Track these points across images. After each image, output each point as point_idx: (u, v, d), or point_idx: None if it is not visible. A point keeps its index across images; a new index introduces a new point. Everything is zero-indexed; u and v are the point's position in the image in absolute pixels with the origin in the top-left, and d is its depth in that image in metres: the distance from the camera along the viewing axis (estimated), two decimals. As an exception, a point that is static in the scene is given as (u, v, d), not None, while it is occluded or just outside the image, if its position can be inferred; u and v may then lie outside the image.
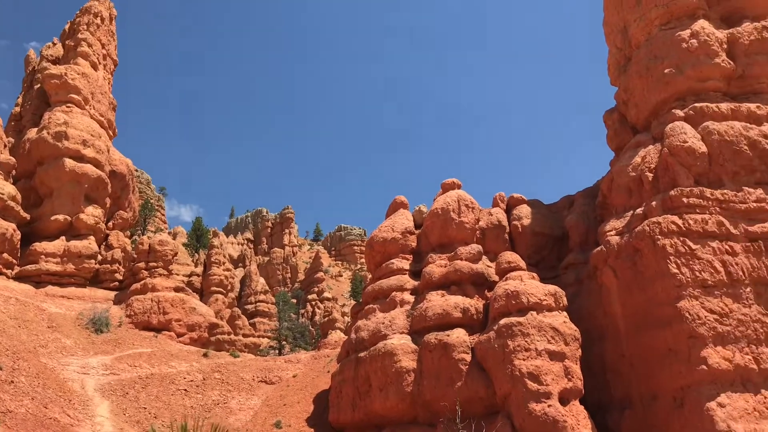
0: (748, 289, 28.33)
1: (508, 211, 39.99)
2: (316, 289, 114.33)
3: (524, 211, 39.38)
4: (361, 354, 32.47)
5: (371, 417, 31.39)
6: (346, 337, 37.14)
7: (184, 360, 44.10)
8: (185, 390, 38.02)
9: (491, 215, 38.33)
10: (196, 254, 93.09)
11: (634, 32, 37.25)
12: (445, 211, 36.19)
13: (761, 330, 27.68)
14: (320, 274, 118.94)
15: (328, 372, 40.32)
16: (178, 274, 71.54)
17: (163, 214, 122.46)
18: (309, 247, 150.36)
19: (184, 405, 36.12)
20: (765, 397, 26.72)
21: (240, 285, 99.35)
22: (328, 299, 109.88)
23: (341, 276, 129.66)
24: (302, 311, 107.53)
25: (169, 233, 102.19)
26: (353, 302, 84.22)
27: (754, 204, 30.20)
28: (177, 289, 57.70)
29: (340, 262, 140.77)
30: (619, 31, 39.68)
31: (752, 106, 32.75)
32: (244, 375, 41.93)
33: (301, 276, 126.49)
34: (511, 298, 29.49)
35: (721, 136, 31.12)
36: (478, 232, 37.19)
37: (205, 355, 47.23)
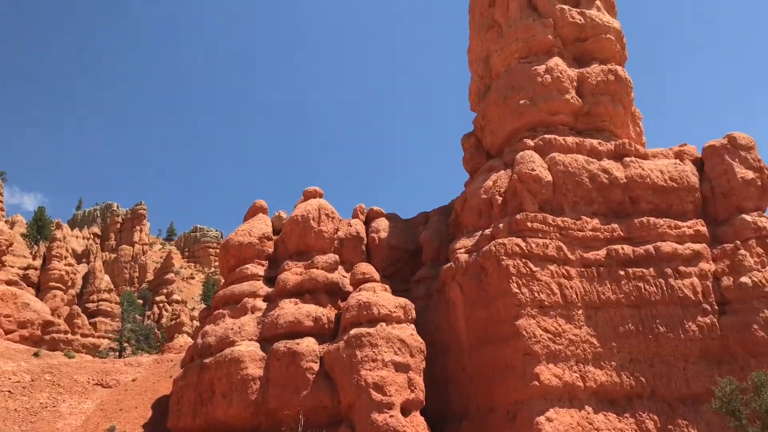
0: (580, 312, 30.55)
1: (367, 223, 40.65)
2: (165, 291, 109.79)
3: (382, 224, 40.20)
4: (207, 360, 31.58)
5: (212, 424, 30.57)
6: (193, 341, 35.94)
7: (11, 359, 40.76)
8: (9, 392, 35.17)
9: (350, 226, 38.76)
10: (35, 246, 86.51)
11: (496, 62, 39.27)
12: (305, 219, 36.15)
13: (589, 350, 29.92)
14: (171, 275, 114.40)
15: (171, 377, 38.81)
16: (12, 267, 66.11)
17: (1, 201, 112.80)
18: (161, 246, 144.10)
19: (6, 408, 33.40)
20: (588, 413, 28.88)
21: (83, 282, 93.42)
22: (177, 302, 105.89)
23: (193, 278, 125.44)
24: (148, 313, 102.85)
25: (6, 222, 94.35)
26: (204, 306, 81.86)
27: (590, 232, 32.69)
28: (9, 283, 53.37)
29: (193, 264, 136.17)
30: (481, 59, 41.70)
31: (595, 142, 35.52)
32: (78, 377, 39.39)
33: (150, 276, 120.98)
34: (363, 308, 29.93)
35: (565, 168, 33.45)
36: (336, 241, 37.45)
37: (35, 354, 43.91)
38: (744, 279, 32.30)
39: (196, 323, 78.90)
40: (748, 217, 34.47)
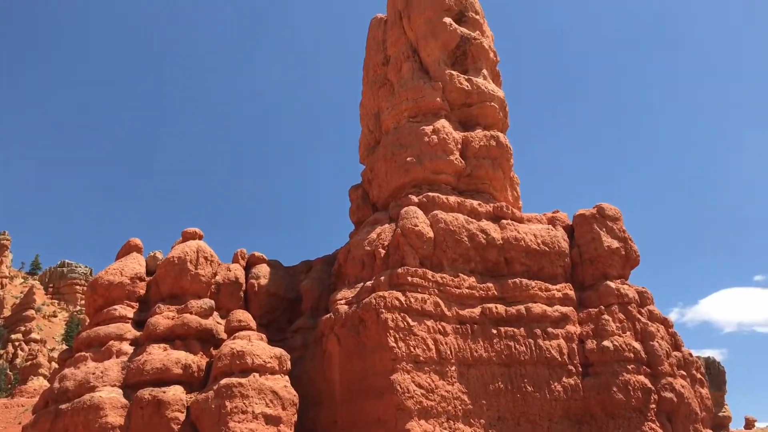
0: (453, 368, 31.04)
1: (248, 268, 39.82)
2: (23, 329, 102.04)
3: (263, 270, 39.50)
4: (63, 406, 29.34)
5: (63, 477, 28.30)
6: (50, 385, 33.40)
7: None
8: None
9: (230, 271, 37.82)
10: None
11: (386, 119, 40.26)
12: (182, 261, 34.91)
13: (460, 407, 30.35)
14: (30, 312, 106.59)
15: (20, 423, 35.83)
16: None
17: None
18: (23, 280, 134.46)
19: None
20: (455, 469, 29.08)
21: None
22: (36, 341, 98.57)
23: (56, 317, 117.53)
24: (2, 351, 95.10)
25: None
26: (65, 347, 76.63)
27: (467, 290, 33.58)
28: None
29: (57, 301, 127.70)
30: (373, 114, 42.66)
31: (475, 202, 36.87)
32: None
33: (8, 312, 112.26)
34: (236, 357, 29.02)
35: (447, 226, 34.41)
36: (213, 286, 36.37)
37: None
38: (606, 343, 34.10)
39: (54, 365, 73.56)
40: (612, 284, 36.61)
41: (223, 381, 28.15)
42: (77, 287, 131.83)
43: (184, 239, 37.27)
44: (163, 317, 32.58)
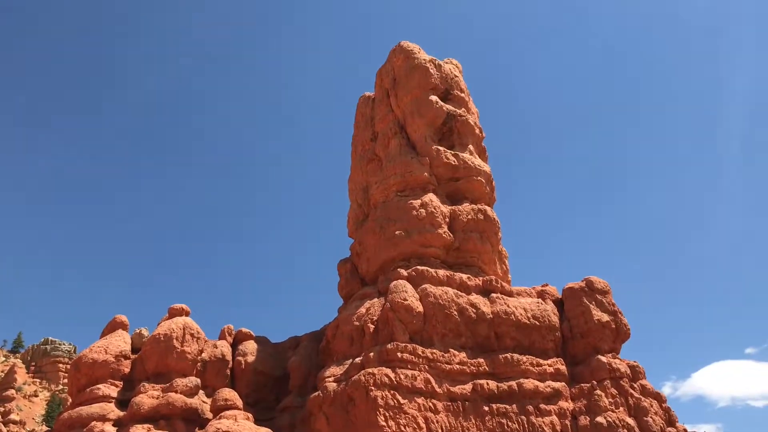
0: (445, 447, 30.30)
1: (235, 344, 39.24)
2: (2, 409, 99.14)
3: (250, 347, 38.94)
4: (40, 492, 28.37)
5: None
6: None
7: None
8: None
9: (216, 348, 37.25)
10: None
11: (374, 193, 40.65)
12: (168, 338, 34.40)
13: (452, 487, 29.48)
14: (11, 392, 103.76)
15: None
16: None
17: None
18: (4, 359, 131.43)
19: None
20: None
21: None
22: (15, 422, 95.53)
23: (37, 396, 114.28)
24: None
25: None
26: (46, 429, 74.35)
27: (458, 366, 33.15)
28: None
29: (39, 380, 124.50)
30: (361, 189, 43.09)
31: (464, 276, 36.85)
32: None
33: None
34: (221, 438, 28.27)
35: (436, 300, 34.26)
36: (199, 363, 35.74)
37: None
38: (599, 419, 33.52)
39: (33, 448, 71.11)
40: (603, 359, 36.29)
41: (208, 463, 27.34)
42: (60, 365, 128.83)
43: (171, 316, 36.86)
44: (148, 396, 31.87)
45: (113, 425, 31.27)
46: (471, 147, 42.02)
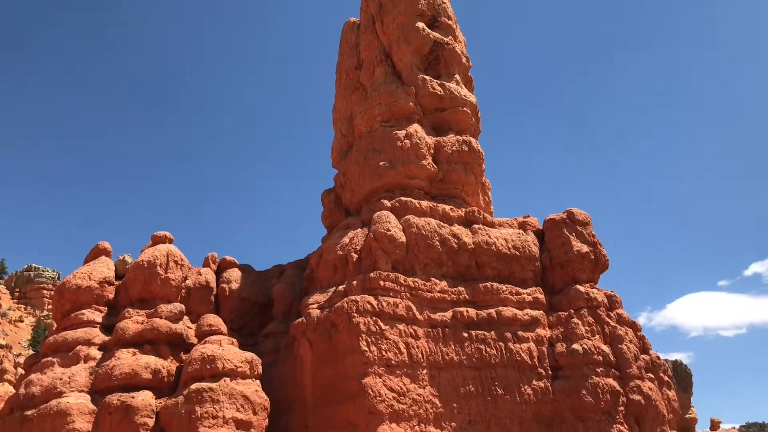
0: (425, 372, 31.13)
1: (219, 272, 39.55)
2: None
3: (234, 274, 39.26)
4: (29, 412, 28.84)
5: (28, 484, 27.84)
6: (15, 391, 32.79)
7: None
8: None
9: (200, 275, 37.53)
10: None
11: (359, 123, 40.26)
12: (152, 265, 34.54)
13: (431, 410, 30.44)
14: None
15: (-16, 431, 35.06)
16: None
17: None
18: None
19: None
20: (426, 473, 29.18)
21: None
22: (2, 346, 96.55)
23: (22, 321, 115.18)
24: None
25: None
26: (32, 353, 75.21)
27: (438, 294, 33.72)
28: None
29: (23, 306, 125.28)
30: (345, 119, 42.65)
31: (447, 207, 37.04)
32: None
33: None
34: (206, 362, 28.82)
35: (419, 230, 34.51)
36: (183, 290, 36.05)
37: None
38: (575, 346, 34.47)
39: (20, 371, 72.19)
40: (581, 288, 37.02)
41: (194, 386, 27.92)
42: (44, 291, 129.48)
43: (154, 243, 36.92)
44: (133, 322, 32.22)
45: (98, 349, 31.71)
46: (457, 77, 41.49)
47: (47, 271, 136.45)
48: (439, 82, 40.31)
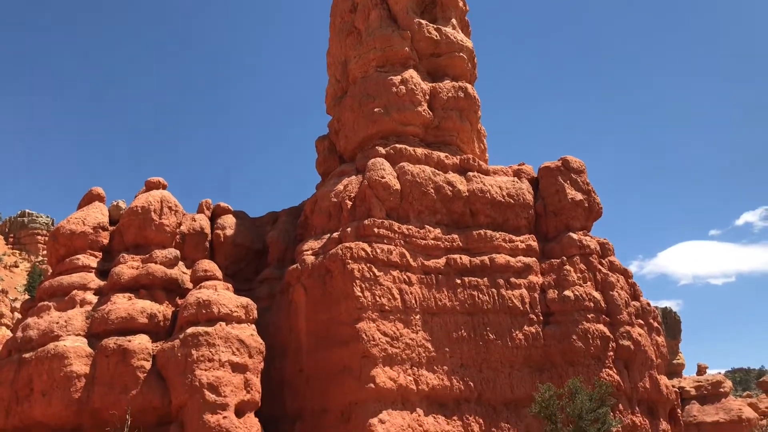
0: (418, 317, 31.55)
1: (213, 219, 39.55)
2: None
3: (229, 221, 39.30)
4: (27, 355, 29.18)
5: (28, 424, 28.30)
6: (12, 335, 33.09)
7: None
8: None
9: (194, 221, 37.53)
10: None
11: (353, 68, 39.74)
12: (146, 211, 34.49)
13: (423, 354, 30.98)
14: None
15: (-17, 373, 35.47)
16: None
17: None
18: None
19: None
20: (419, 416, 29.90)
21: None
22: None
23: (17, 267, 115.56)
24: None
25: None
26: (28, 297, 75.72)
27: (432, 241, 33.91)
28: None
29: (18, 252, 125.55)
30: (340, 63, 42.04)
31: (442, 155, 36.92)
32: None
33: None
34: (202, 306, 29.06)
35: (413, 178, 34.47)
36: (178, 236, 36.10)
37: None
38: (567, 293, 34.89)
39: (17, 315, 72.84)
40: (574, 236, 37.26)
41: (189, 330, 28.23)
42: (38, 237, 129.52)
43: (148, 189, 36.77)
44: (128, 267, 32.35)
45: (94, 294, 31.88)
46: (454, 21, 40.80)
47: (41, 217, 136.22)
48: (435, 26, 39.68)
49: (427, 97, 37.98)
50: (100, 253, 34.47)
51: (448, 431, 30.24)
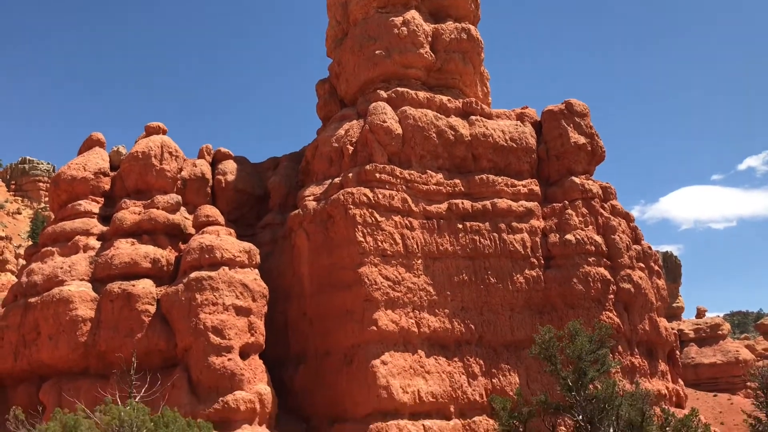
0: (420, 261, 31.71)
1: (214, 164, 39.33)
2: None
3: (230, 166, 39.09)
4: (32, 299, 29.50)
5: (36, 367, 28.85)
6: (18, 280, 33.33)
7: None
8: None
9: (195, 166, 37.35)
10: None
11: (354, 9, 38.84)
12: (147, 156, 34.28)
13: (425, 298, 31.25)
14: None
15: (-10, 318, 35.90)
16: None
17: None
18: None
19: None
20: (420, 357, 30.36)
21: None
22: (1, 238, 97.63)
23: (20, 214, 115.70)
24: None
25: None
26: (31, 243, 76.11)
27: (434, 186, 33.80)
28: None
29: (20, 199, 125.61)
30: (340, 4, 41.08)
31: (444, 98, 36.46)
32: None
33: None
34: (205, 251, 29.18)
35: (415, 122, 34.13)
36: (179, 182, 35.98)
37: None
38: (569, 236, 34.95)
39: (21, 262, 73.32)
40: (576, 180, 37.11)
41: (193, 274, 28.41)
42: (40, 184, 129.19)
43: (148, 134, 36.48)
44: (130, 212, 32.33)
45: (97, 239, 31.97)
46: (456, -41, 39.72)
47: (42, 163, 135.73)
48: (437, -35, 38.62)
49: (429, 38, 37.27)
50: (102, 199, 34.44)
51: (449, 372, 30.74)
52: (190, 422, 18.22)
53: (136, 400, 19.71)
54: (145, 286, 28.80)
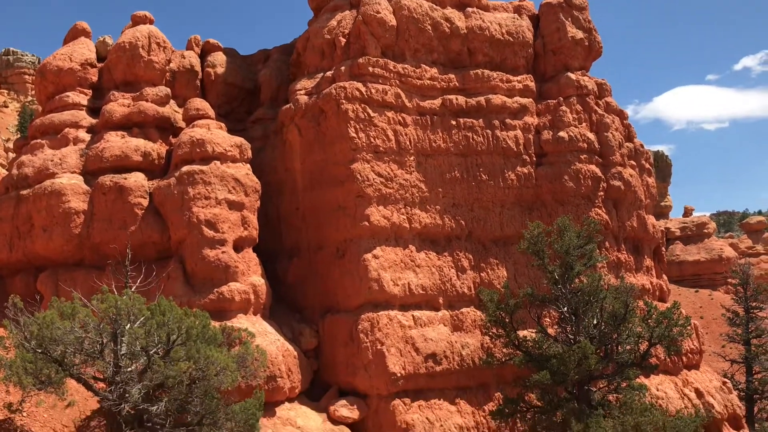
0: (412, 158, 31.68)
1: (203, 56, 38.36)
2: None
3: (219, 59, 38.16)
4: (24, 191, 29.49)
5: (31, 258, 29.26)
6: (8, 172, 33.18)
7: None
8: None
9: (184, 58, 36.44)
10: None
11: None
12: (134, 47, 33.35)
13: (417, 194, 31.44)
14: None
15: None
16: None
17: None
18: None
19: None
20: (411, 251, 30.90)
21: None
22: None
23: (7, 107, 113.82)
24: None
25: None
26: (20, 136, 75.34)
27: (428, 81, 33.26)
28: None
29: (6, 92, 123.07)
30: None
31: (440, -12, 35.22)
32: None
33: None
34: (196, 145, 29.00)
35: (410, 13, 33.12)
36: (168, 74, 35.21)
37: None
38: (562, 133, 34.83)
39: (11, 155, 72.84)
40: (572, 75, 36.58)
41: (185, 168, 28.37)
42: (26, 76, 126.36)
43: (134, 23, 35.37)
44: (119, 105, 31.84)
45: (86, 131, 31.61)
46: None
47: (26, 55, 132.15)
48: None
49: None
50: (90, 91, 33.79)
51: (439, 265, 31.42)
52: (187, 311, 18.74)
53: (132, 290, 20.20)
54: (137, 179, 28.78)
